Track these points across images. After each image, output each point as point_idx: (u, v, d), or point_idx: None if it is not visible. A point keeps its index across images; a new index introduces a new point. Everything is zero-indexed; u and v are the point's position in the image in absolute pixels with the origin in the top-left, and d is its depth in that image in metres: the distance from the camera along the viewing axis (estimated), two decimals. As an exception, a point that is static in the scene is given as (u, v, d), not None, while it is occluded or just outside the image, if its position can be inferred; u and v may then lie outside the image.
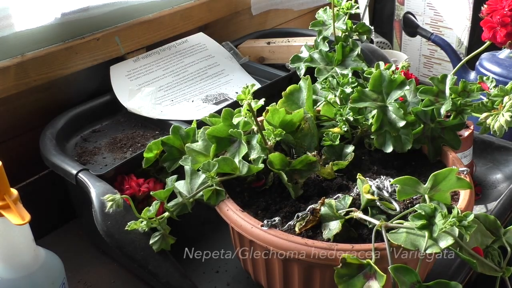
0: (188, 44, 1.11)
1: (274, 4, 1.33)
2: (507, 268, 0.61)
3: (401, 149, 0.71)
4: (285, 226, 0.62)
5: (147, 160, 0.76)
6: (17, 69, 0.85)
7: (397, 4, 1.51)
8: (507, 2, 0.70)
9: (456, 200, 0.66)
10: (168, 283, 0.67)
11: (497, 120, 0.64)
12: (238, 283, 0.77)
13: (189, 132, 0.75)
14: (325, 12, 0.89)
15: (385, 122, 0.70)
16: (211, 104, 0.99)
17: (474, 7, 1.34)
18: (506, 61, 1.13)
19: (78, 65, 0.93)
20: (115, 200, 0.65)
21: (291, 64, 0.89)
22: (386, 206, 0.63)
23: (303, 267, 0.62)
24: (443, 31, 1.43)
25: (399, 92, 0.70)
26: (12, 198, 0.56)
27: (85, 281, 0.81)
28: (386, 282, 0.54)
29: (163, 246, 0.68)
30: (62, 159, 0.79)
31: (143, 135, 0.92)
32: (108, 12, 0.97)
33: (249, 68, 1.12)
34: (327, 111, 0.78)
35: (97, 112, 0.95)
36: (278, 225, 0.62)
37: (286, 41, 1.18)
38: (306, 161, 0.68)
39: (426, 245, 0.56)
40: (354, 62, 0.85)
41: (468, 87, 0.71)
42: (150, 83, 1.00)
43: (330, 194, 0.68)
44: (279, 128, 0.70)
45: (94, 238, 0.84)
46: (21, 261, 0.60)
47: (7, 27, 0.85)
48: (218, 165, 0.66)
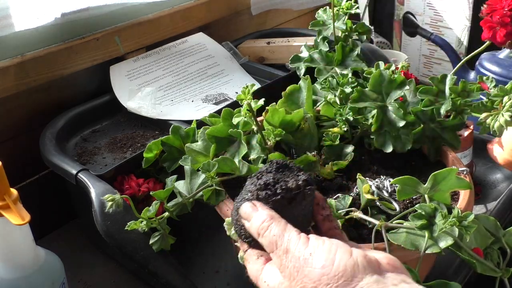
0: (188, 44, 1.11)
1: (274, 4, 1.33)
2: (507, 269, 0.61)
3: (401, 149, 0.71)
4: (285, 226, 0.62)
5: (147, 160, 0.76)
6: (17, 69, 0.85)
7: (397, 4, 1.51)
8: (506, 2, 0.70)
9: (456, 200, 0.66)
10: (168, 283, 0.67)
11: (496, 120, 0.64)
12: (238, 283, 0.78)
13: (189, 132, 0.75)
14: (324, 12, 0.89)
15: (385, 122, 0.70)
16: (211, 104, 0.99)
17: (474, 7, 1.34)
18: (506, 61, 1.13)
19: (78, 65, 0.93)
20: (115, 200, 0.65)
21: (291, 64, 0.89)
22: (386, 206, 0.63)
23: (303, 267, 0.62)
24: (443, 31, 1.43)
25: (399, 92, 0.70)
26: (12, 198, 0.56)
27: (85, 281, 0.81)
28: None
29: (163, 246, 0.68)
30: (62, 159, 0.79)
31: (143, 135, 0.92)
32: (108, 12, 0.97)
33: (249, 68, 1.12)
34: (327, 111, 0.78)
35: (97, 112, 0.95)
36: (278, 225, 0.62)
37: (286, 41, 1.18)
38: (306, 161, 0.68)
39: (426, 245, 0.56)
40: (354, 62, 0.85)
41: (468, 87, 0.71)
42: (150, 83, 1.00)
43: (330, 194, 0.68)
44: (279, 128, 0.70)
45: (94, 238, 0.84)
46: (21, 261, 0.60)
47: (7, 27, 0.85)
48: (218, 165, 0.66)
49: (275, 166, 0.53)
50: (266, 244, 0.49)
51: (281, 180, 0.51)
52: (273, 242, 0.48)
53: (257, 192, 0.51)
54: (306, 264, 0.45)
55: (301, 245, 0.46)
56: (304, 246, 0.46)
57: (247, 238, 0.52)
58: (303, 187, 0.50)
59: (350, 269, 0.44)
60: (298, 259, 0.46)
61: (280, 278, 0.47)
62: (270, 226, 0.48)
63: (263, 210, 0.50)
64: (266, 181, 0.51)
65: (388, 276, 0.45)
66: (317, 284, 0.44)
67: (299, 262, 0.46)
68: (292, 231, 0.48)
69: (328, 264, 0.44)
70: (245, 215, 0.51)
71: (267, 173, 0.52)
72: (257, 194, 0.51)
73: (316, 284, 0.44)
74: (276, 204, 0.50)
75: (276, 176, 0.51)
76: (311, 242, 0.46)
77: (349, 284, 0.43)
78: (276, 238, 0.48)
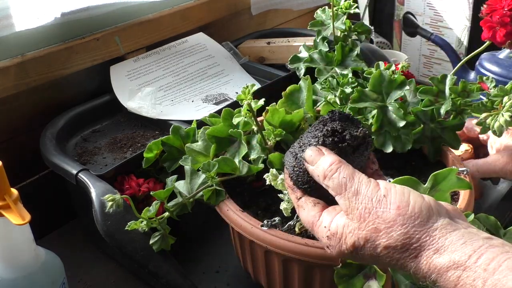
0: (188, 44, 1.11)
1: (274, 4, 1.33)
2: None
3: (401, 149, 0.71)
4: (285, 226, 0.62)
5: (147, 160, 0.76)
6: (17, 69, 0.85)
7: (397, 4, 1.51)
8: (506, 2, 0.70)
9: (456, 200, 0.66)
10: (168, 283, 0.67)
11: (496, 120, 0.64)
12: (238, 283, 0.78)
13: (189, 132, 0.75)
14: (323, 12, 0.89)
15: (385, 122, 0.70)
16: (211, 104, 0.99)
17: (474, 7, 1.34)
18: (506, 61, 1.13)
19: (78, 65, 0.93)
20: (115, 200, 0.65)
21: (290, 64, 0.89)
22: (386, 206, 0.63)
23: (303, 267, 0.62)
24: (443, 31, 1.43)
25: (399, 92, 0.70)
26: (12, 198, 0.56)
27: (85, 281, 0.81)
28: (386, 282, 0.54)
29: (163, 246, 0.68)
30: (62, 159, 0.79)
31: (143, 135, 0.92)
32: (108, 12, 0.97)
33: (249, 68, 1.12)
34: (327, 111, 0.78)
35: (97, 112, 0.95)
36: (278, 225, 0.62)
37: (286, 41, 1.18)
38: (306, 161, 0.68)
39: (426, 245, 0.56)
40: (354, 62, 0.85)
41: (468, 87, 0.71)
42: (150, 83, 1.00)
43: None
44: (279, 128, 0.70)
45: (94, 238, 0.84)
46: (21, 261, 0.60)
47: (7, 27, 0.85)
48: (218, 165, 0.66)
49: (337, 115, 0.54)
50: (333, 186, 0.49)
51: (347, 128, 0.52)
52: (341, 184, 0.48)
53: (324, 138, 0.52)
54: (379, 205, 0.46)
55: (372, 187, 0.47)
56: (376, 188, 0.47)
57: (304, 185, 0.53)
58: (368, 137, 0.52)
59: (426, 211, 0.45)
60: (370, 200, 0.46)
61: (344, 221, 0.48)
62: (339, 168, 0.49)
63: (330, 154, 0.50)
64: (333, 127, 0.52)
65: (457, 221, 0.46)
66: (391, 224, 0.45)
67: (371, 203, 0.46)
68: (362, 174, 0.49)
69: (403, 206, 0.45)
70: (311, 158, 0.51)
71: (332, 121, 0.53)
72: (323, 140, 0.52)
73: (391, 224, 0.45)
74: (342, 151, 0.51)
75: (342, 124, 0.52)
76: (382, 185, 0.47)
77: (425, 225, 0.44)
78: (346, 180, 0.48)
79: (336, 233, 0.48)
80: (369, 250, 0.46)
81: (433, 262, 0.43)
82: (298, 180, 0.54)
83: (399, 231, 0.45)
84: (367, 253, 0.47)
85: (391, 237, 0.45)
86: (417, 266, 0.44)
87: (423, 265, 0.44)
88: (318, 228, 0.51)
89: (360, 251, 0.47)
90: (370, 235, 0.46)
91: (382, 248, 0.45)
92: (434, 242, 0.44)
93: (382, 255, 0.46)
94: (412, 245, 0.44)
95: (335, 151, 0.51)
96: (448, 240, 0.44)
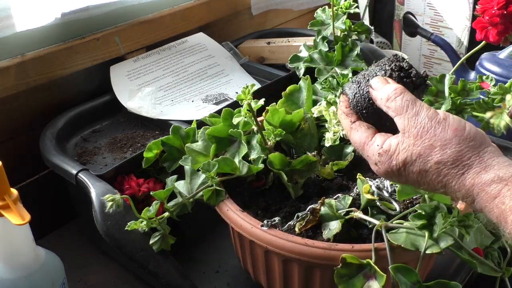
0: (188, 44, 1.11)
1: (274, 4, 1.33)
2: (507, 268, 0.61)
3: (401, 149, 0.70)
4: (285, 226, 0.62)
5: (147, 160, 0.76)
6: (17, 69, 0.85)
7: (397, 4, 1.51)
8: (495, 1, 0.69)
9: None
10: (168, 283, 0.67)
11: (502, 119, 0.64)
12: (238, 283, 0.77)
13: (189, 132, 0.75)
14: (323, 12, 0.89)
15: (385, 122, 0.70)
16: (211, 104, 0.99)
17: (474, 7, 1.34)
18: (506, 61, 1.13)
19: (78, 65, 0.93)
20: (115, 200, 0.65)
21: (290, 64, 0.89)
22: (386, 206, 0.63)
23: (303, 267, 0.62)
24: (443, 31, 1.43)
25: (399, 92, 0.70)
26: (12, 198, 0.56)
27: (85, 281, 0.81)
28: (386, 282, 0.54)
29: (163, 246, 0.68)
30: (62, 159, 0.79)
31: (143, 135, 0.92)
32: (108, 12, 0.97)
33: (249, 68, 1.12)
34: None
35: (97, 112, 0.95)
36: (278, 225, 0.62)
37: (286, 41, 1.18)
38: (306, 161, 0.68)
39: (426, 245, 0.56)
40: (354, 62, 0.85)
41: (467, 86, 0.71)
42: (150, 83, 1.00)
43: (330, 194, 0.68)
44: (279, 128, 0.70)
45: (94, 238, 0.84)
46: (21, 261, 0.60)
47: (8, 28, 0.85)
48: (218, 165, 0.66)
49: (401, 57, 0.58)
50: (395, 107, 0.53)
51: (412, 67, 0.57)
52: (404, 105, 0.52)
53: (391, 71, 0.56)
54: (438, 125, 0.50)
55: (433, 111, 0.51)
56: (435, 113, 0.51)
57: (363, 110, 0.57)
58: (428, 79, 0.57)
59: (479, 136, 0.50)
60: (430, 120, 0.50)
61: (399, 139, 0.52)
62: (403, 93, 0.53)
63: (395, 83, 0.55)
64: (400, 65, 0.56)
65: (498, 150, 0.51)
66: (447, 143, 0.49)
67: (431, 123, 0.50)
68: (423, 102, 0.52)
69: (461, 129, 0.50)
70: (377, 84, 0.55)
71: (397, 61, 0.57)
72: (390, 73, 0.56)
73: (447, 142, 0.49)
74: (405, 86, 0.55)
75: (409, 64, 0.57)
76: (441, 112, 0.52)
77: (477, 148, 0.49)
78: (409, 102, 0.52)
79: (389, 150, 0.52)
80: (418, 165, 0.50)
81: (478, 178, 0.47)
82: (357, 105, 0.57)
83: (454, 149, 0.49)
84: (415, 169, 0.50)
85: (445, 153, 0.49)
86: (462, 183, 0.48)
87: (467, 181, 0.48)
88: (370, 146, 0.54)
89: (409, 166, 0.50)
90: (424, 150, 0.50)
91: (433, 163, 0.49)
92: (482, 162, 0.48)
93: (431, 170, 0.49)
94: (462, 162, 0.48)
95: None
96: (495, 161, 0.48)
